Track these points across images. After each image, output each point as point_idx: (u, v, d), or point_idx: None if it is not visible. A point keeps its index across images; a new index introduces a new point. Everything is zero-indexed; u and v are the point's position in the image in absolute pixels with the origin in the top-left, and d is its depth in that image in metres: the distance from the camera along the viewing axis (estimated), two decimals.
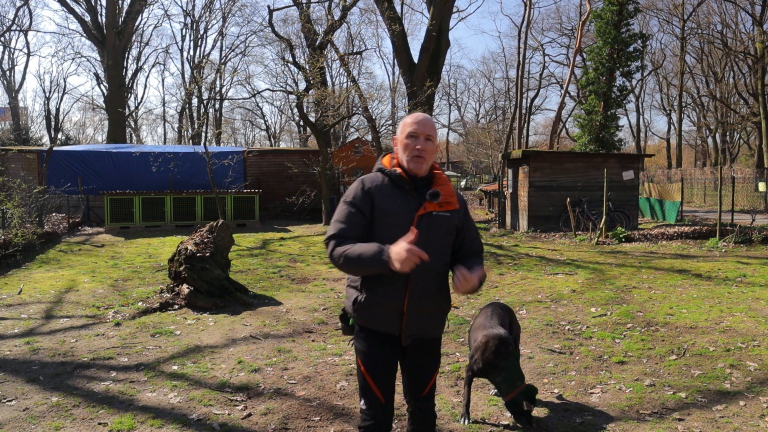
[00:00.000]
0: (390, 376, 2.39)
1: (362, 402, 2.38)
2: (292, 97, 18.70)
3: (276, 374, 4.40)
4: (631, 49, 21.80)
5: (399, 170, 2.31)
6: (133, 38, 34.78)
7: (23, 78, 52.73)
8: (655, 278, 8.10)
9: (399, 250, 2.03)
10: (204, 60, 33.58)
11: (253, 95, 45.09)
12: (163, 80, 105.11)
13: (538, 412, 3.63)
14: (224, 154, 16.70)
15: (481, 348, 3.44)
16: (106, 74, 28.99)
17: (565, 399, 3.89)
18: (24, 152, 17.69)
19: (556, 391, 4.02)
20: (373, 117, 19.33)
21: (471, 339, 3.70)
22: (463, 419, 3.53)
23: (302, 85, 21.71)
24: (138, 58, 40.48)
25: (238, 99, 43.21)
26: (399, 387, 2.60)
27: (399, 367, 2.46)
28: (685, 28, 36.43)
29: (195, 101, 36.43)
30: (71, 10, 29.03)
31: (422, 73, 18.55)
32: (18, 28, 37.89)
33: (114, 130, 27.73)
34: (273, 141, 50.50)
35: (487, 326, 3.60)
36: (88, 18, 28.70)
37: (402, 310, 2.27)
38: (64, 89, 49.84)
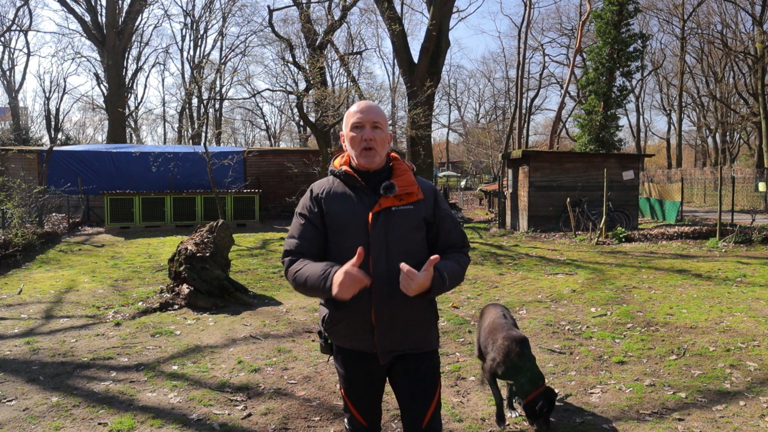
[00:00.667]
0: (372, 399, 2.20)
1: (346, 421, 2.25)
2: (292, 97, 18.70)
3: (276, 374, 4.40)
4: (631, 49, 21.81)
5: (345, 168, 2.09)
6: (133, 38, 34.79)
7: (23, 78, 52.81)
8: (655, 278, 8.10)
9: (338, 274, 1.83)
10: (204, 60, 33.58)
11: (253, 95, 45.11)
12: (163, 80, 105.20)
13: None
14: (224, 154, 16.70)
15: (503, 351, 3.36)
16: (106, 74, 29.00)
17: (565, 399, 3.89)
18: (24, 152, 17.69)
19: (556, 391, 4.01)
20: None
21: (487, 341, 3.59)
22: (501, 424, 3.46)
23: (302, 85, 21.71)
24: (138, 58, 40.51)
25: (238, 99, 43.27)
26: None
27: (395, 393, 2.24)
28: (685, 28, 36.44)
29: (195, 101, 36.45)
30: (71, 10, 29.04)
31: (422, 73, 18.55)
32: (18, 28, 37.91)
33: (114, 130, 27.74)
34: (273, 141, 50.51)
35: (505, 327, 3.55)
36: (88, 18, 28.70)
37: (371, 323, 2.01)
38: (64, 89, 49.89)
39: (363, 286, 1.83)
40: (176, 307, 6.47)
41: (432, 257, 1.90)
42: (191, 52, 42.41)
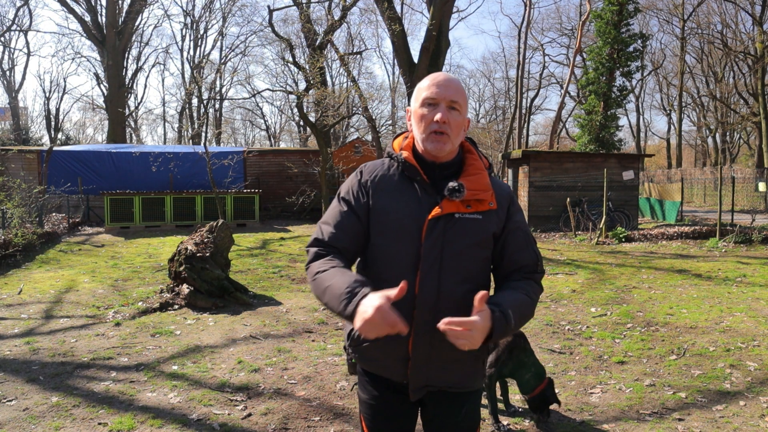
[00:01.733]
0: None
1: None
2: (292, 97, 18.72)
3: (276, 374, 4.40)
4: (631, 49, 21.83)
5: (406, 154, 1.67)
6: (133, 38, 34.78)
7: (23, 78, 52.80)
8: (655, 278, 8.10)
9: (367, 306, 1.41)
10: (204, 60, 33.59)
11: (253, 95, 45.11)
12: (163, 80, 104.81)
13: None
14: (224, 154, 16.71)
15: (508, 348, 3.38)
16: (106, 74, 28.99)
17: (565, 399, 3.89)
18: (24, 152, 17.69)
19: (556, 391, 4.01)
20: (373, 117, 19.37)
21: None
22: (498, 427, 3.43)
23: (302, 85, 21.75)
24: (138, 58, 40.47)
25: (238, 99, 43.23)
26: None
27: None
28: (685, 28, 36.44)
29: (195, 101, 36.45)
30: (71, 10, 29.03)
31: (422, 73, 18.53)
32: (18, 28, 37.87)
33: (114, 130, 27.73)
34: (273, 141, 50.48)
35: None
36: (88, 18, 28.70)
37: (406, 352, 1.64)
38: (64, 89, 49.92)
39: (395, 333, 1.42)
40: (176, 307, 6.47)
41: (479, 295, 1.48)
42: (191, 52, 42.40)
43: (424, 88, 1.66)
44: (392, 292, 1.42)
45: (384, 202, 1.65)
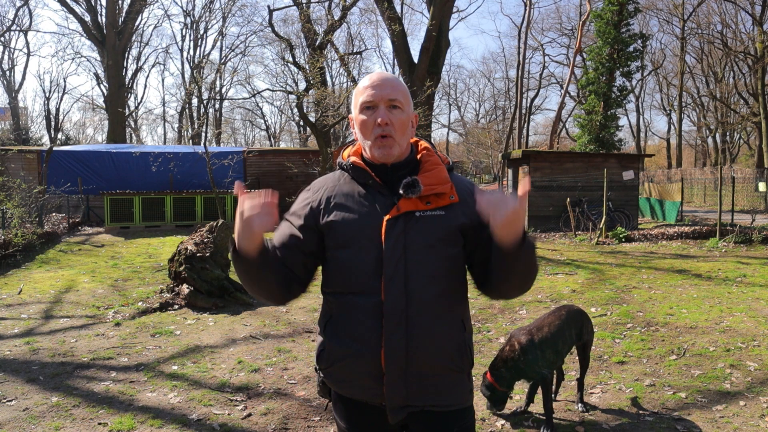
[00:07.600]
0: None
1: None
2: (292, 97, 18.72)
3: (276, 374, 4.40)
4: (631, 49, 21.85)
5: (354, 159, 1.59)
6: (133, 38, 34.79)
7: (23, 78, 52.91)
8: (655, 278, 8.10)
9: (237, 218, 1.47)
10: (204, 60, 33.59)
11: (253, 95, 45.21)
12: (163, 80, 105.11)
13: (537, 412, 3.63)
14: (224, 154, 16.70)
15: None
16: (106, 74, 29.00)
17: (565, 398, 3.89)
18: (24, 152, 17.70)
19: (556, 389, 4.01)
20: None
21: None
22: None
23: (302, 85, 21.75)
24: (138, 58, 40.50)
25: (238, 99, 43.31)
26: None
27: None
28: (685, 28, 36.43)
29: (195, 101, 36.42)
30: (71, 10, 29.04)
31: (422, 73, 18.55)
32: (18, 28, 37.89)
33: (114, 130, 27.74)
34: (273, 141, 50.51)
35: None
36: (88, 18, 28.71)
37: (379, 367, 1.48)
38: (64, 89, 49.97)
39: (261, 205, 1.41)
40: (176, 307, 6.47)
41: (522, 191, 1.41)
42: (191, 52, 42.41)
43: (360, 92, 1.56)
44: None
45: (338, 214, 1.54)
